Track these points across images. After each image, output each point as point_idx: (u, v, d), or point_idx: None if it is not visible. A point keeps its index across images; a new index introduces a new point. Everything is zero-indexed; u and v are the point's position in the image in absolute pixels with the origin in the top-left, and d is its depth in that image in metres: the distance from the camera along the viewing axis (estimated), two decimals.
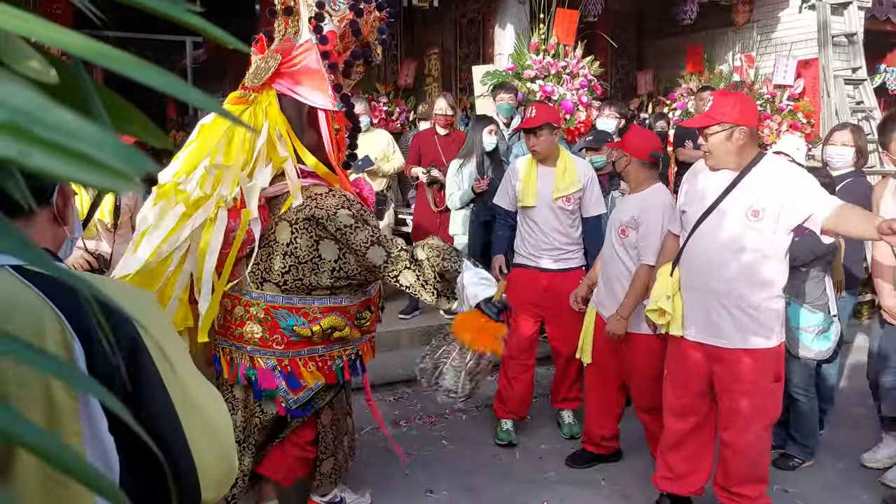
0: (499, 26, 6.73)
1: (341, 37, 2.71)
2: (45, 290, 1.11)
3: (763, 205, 2.79)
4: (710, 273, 2.90)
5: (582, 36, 6.86)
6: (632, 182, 3.57)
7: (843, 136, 4.09)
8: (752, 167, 2.87)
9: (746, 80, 7.58)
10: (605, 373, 3.73)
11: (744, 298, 2.86)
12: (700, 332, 2.98)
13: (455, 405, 4.17)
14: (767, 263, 2.85)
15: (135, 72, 0.37)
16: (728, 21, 8.24)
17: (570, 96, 6.07)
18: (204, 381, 1.26)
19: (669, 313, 3.00)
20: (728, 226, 2.86)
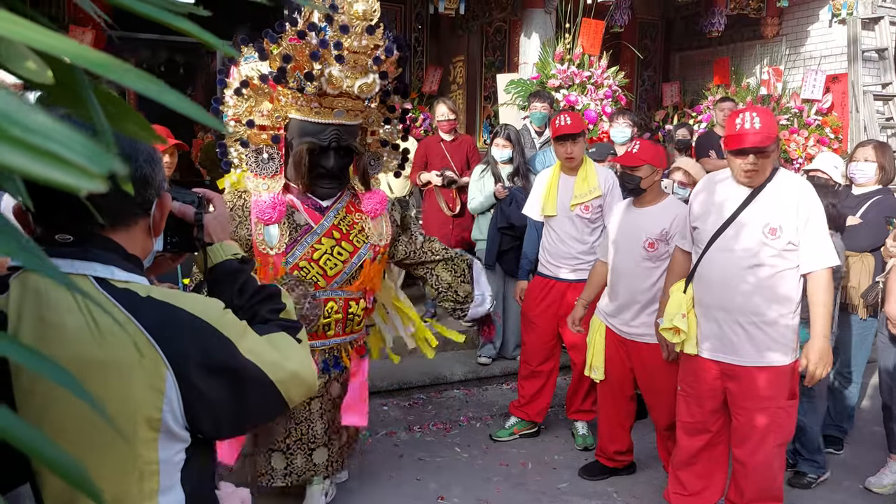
0: (524, 35, 6.74)
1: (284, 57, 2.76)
2: (133, 311, 1.10)
3: (780, 222, 2.77)
4: (727, 289, 2.86)
5: (608, 46, 6.85)
6: (651, 195, 3.53)
7: (865, 152, 4.06)
8: (767, 182, 2.85)
9: (774, 94, 7.50)
10: (617, 387, 3.69)
11: (760, 315, 2.83)
12: (714, 349, 2.94)
13: None
14: (784, 279, 2.82)
15: (120, 76, 0.38)
16: (756, 34, 8.17)
17: (593, 106, 6.05)
18: (269, 339, 1.28)
19: (684, 331, 2.96)
20: (745, 242, 2.83)
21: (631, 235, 3.53)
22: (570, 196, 4.07)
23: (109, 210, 1.11)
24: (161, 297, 1.12)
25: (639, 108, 8.95)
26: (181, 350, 1.10)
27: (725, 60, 8.17)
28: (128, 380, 1.06)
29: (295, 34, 2.69)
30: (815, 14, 7.69)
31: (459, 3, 6.42)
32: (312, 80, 2.71)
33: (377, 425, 4.42)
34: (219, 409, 1.16)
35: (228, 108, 2.86)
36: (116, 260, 1.13)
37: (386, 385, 4.86)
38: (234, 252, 1.44)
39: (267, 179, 2.89)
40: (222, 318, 1.18)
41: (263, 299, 1.38)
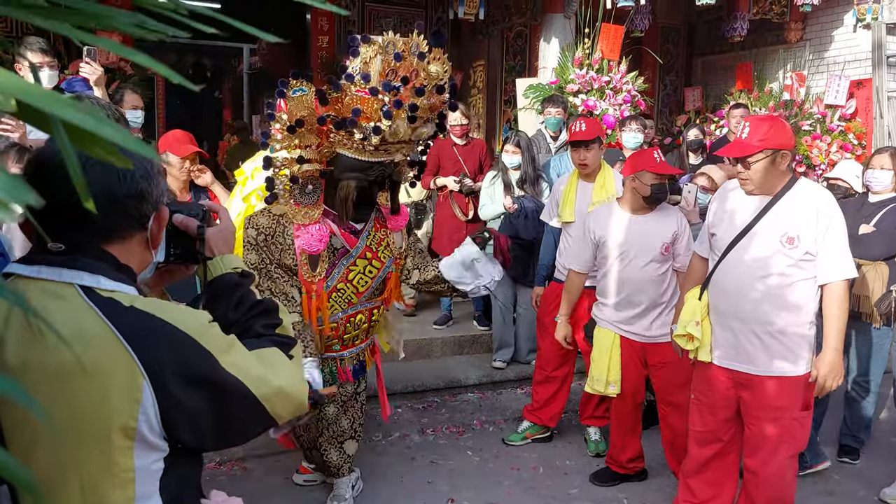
0: (544, 40, 6.74)
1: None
2: (114, 319, 1.12)
3: (798, 232, 2.75)
4: (742, 298, 2.85)
5: (629, 51, 6.83)
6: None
7: (882, 159, 4.02)
8: (786, 191, 2.83)
9: (797, 99, 7.43)
10: (630, 395, 3.68)
11: (774, 324, 2.81)
12: (729, 357, 2.93)
13: None
14: (800, 289, 2.80)
15: (60, 111, 0.42)
16: (780, 38, 8.10)
17: (612, 111, 6.05)
18: (255, 354, 1.27)
19: (697, 339, 2.95)
20: (762, 251, 2.82)
21: (644, 244, 3.51)
22: (588, 203, 4.08)
23: (103, 224, 1.15)
24: (144, 307, 1.14)
25: (660, 113, 8.91)
26: (158, 359, 1.11)
27: (748, 65, 8.11)
28: (105, 387, 1.08)
29: (367, 89, 2.67)
30: (839, 19, 7.60)
31: (479, 8, 6.44)
32: (379, 134, 2.71)
33: (390, 428, 4.46)
34: (198, 420, 1.17)
35: (276, 142, 2.86)
36: (105, 269, 1.16)
37: (400, 387, 4.89)
38: (235, 266, 1.45)
39: (308, 207, 2.92)
40: (205, 331, 1.19)
41: (259, 314, 1.39)
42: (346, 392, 3.30)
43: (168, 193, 1.32)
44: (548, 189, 4.88)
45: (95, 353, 1.09)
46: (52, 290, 1.12)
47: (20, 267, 1.14)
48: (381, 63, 2.67)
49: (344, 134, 2.76)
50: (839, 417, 4.28)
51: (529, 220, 4.79)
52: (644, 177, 3.46)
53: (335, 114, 2.75)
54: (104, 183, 1.14)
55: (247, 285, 1.43)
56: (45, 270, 1.13)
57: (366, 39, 2.74)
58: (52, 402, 1.08)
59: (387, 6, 7.95)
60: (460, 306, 6.03)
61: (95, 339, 1.09)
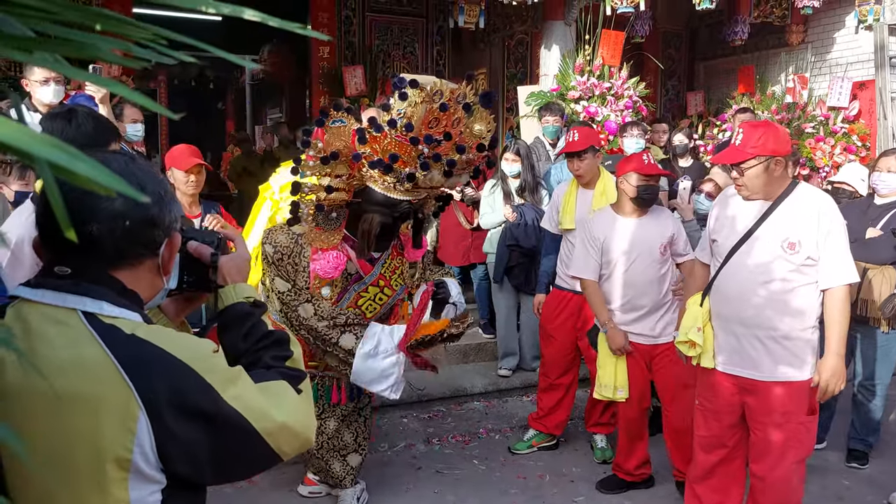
0: (544, 47, 6.75)
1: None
2: (113, 347, 1.09)
3: (799, 237, 2.74)
4: (744, 303, 2.85)
5: (630, 57, 6.84)
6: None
7: (888, 162, 4.00)
8: (785, 196, 2.83)
9: (799, 102, 7.42)
10: (637, 401, 3.68)
11: (777, 329, 2.80)
12: (732, 363, 2.92)
13: None
14: (802, 293, 2.79)
15: (37, 149, 0.42)
16: (781, 42, 8.09)
17: (613, 118, 6.05)
18: (261, 388, 1.24)
19: (699, 345, 2.95)
20: (763, 256, 2.81)
21: (644, 246, 3.55)
22: (588, 210, 4.09)
23: (112, 249, 1.14)
24: (145, 336, 1.12)
25: (662, 117, 8.90)
26: (155, 389, 1.09)
27: (750, 69, 8.11)
28: (99, 416, 1.07)
29: (408, 138, 2.64)
30: (840, 21, 7.60)
31: (479, 16, 6.46)
32: (413, 181, 2.68)
33: (396, 437, 4.46)
34: (196, 453, 1.13)
35: (307, 168, 2.85)
36: (108, 295, 1.14)
37: (406, 397, 4.88)
38: (248, 295, 1.42)
39: (328, 232, 2.92)
40: (207, 362, 1.16)
41: (269, 345, 1.36)
42: (347, 407, 3.31)
43: (183, 219, 1.31)
44: (547, 197, 4.88)
45: (92, 381, 1.07)
46: (54, 315, 1.11)
47: (25, 290, 1.14)
48: (425, 111, 2.63)
49: (378, 172, 2.74)
50: (847, 421, 4.26)
51: (530, 228, 4.80)
52: (631, 178, 3.51)
53: (372, 153, 2.73)
54: (114, 209, 1.13)
55: (258, 315, 1.40)
56: (49, 295, 1.12)
57: (414, 84, 2.67)
58: (48, 429, 1.07)
59: (388, 15, 7.98)
60: None
61: (93, 366, 1.08)
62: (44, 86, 3.77)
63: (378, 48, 7.93)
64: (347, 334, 2.87)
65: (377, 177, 2.76)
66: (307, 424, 1.27)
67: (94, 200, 1.11)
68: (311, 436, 1.28)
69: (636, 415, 3.72)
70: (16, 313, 1.12)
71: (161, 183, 1.22)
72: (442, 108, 2.61)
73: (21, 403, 1.08)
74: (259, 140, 10.40)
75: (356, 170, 2.82)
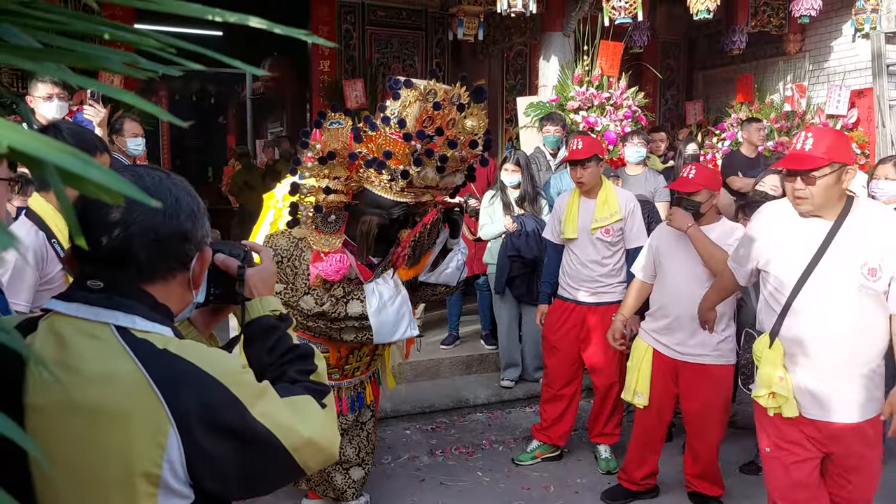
0: (543, 58, 6.79)
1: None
2: (145, 362, 1.09)
3: (878, 261, 2.44)
4: (827, 341, 2.53)
5: (628, 67, 6.87)
6: (708, 217, 3.48)
7: (886, 169, 4.03)
8: (848, 213, 2.51)
9: (798, 110, 7.44)
10: (657, 412, 3.62)
11: (866, 365, 2.53)
12: (813, 407, 2.60)
13: None
14: (880, 322, 2.52)
15: (44, 153, 0.43)
16: (779, 50, 8.13)
17: (613, 127, 6.07)
18: (288, 403, 1.24)
19: (783, 396, 2.61)
20: (842, 286, 2.48)
21: (691, 259, 3.45)
22: (590, 219, 4.08)
23: (146, 264, 1.15)
24: (176, 351, 1.12)
25: (662, 127, 8.93)
26: (186, 405, 1.09)
27: (749, 78, 8.13)
28: (130, 431, 1.06)
29: (401, 134, 2.68)
30: (837, 29, 7.63)
31: (478, 29, 6.50)
32: (407, 178, 2.72)
33: (399, 449, 4.44)
34: (224, 469, 1.13)
35: (306, 170, 2.88)
36: (140, 309, 1.14)
37: (408, 408, 4.88)
38: (274, 308, 1.42)
39: (329, 235, 2.93)
40: (236, 378, 1.16)
41: (294, 359, 1.36)
42: (347, 420, 3.30)
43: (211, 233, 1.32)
44: (547, 207, 4.89)
45: (123, 396, 1.07)
46: (88, 329, 1.11)
47: (58, 304, 1.13)
48: (419, 110, 2.67)
49: (373, 172, 2.78)
50: None
51: (531, 238, 4.80)
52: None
53: (367, 152, 2.77)
54: (148, 222, 1.13)
55: (283, 329, 1.40)
56: (83, 309, 1.12)
57: (408, 84, 2.73)
58: (79, 444, 1.07)
59: (388, 28, 8.02)
60: (467, 326, 6.02)
61: (125, 381, 1.07)
62: (47, 101, 3.79)
63: (378, 61, 7.97)
64: (352, 301, 2.89)
65: (374, 177, 2.79)
66: (332, 439, 1.27)
67: (126, 215, 1.12)
68: (335, 451, 1.28)
69: (653, 424, 3.66)
70: (49, 326, 1.12)
71: (195, 198, 1.23)
72: (435, 106, 2.64)
73: (53, 418, 1.07)
74: (260, 154, 10.42)
75: (354, 171, 2.85)
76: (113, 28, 0.58)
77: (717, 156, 7.28)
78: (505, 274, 4.97)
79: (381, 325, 2.90)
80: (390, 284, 2.94)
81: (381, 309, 2.89)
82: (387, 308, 2.90)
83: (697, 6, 6.13)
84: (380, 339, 2.96)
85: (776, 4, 7.58)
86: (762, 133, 6.43)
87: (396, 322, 2.93)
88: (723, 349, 3.48)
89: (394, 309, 2.91)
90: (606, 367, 4.07)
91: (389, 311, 2.90)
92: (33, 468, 1.08)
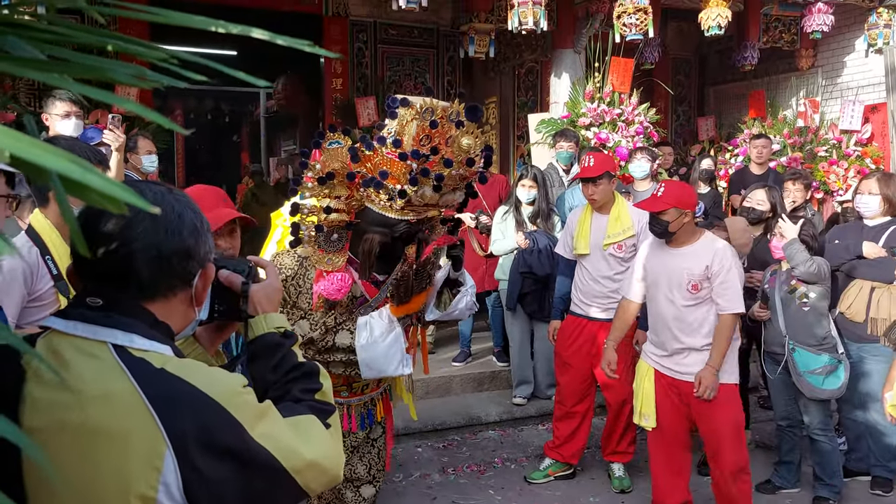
0: (554, 75, 6.81)
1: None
2: (142, 381, 1.07)
3: None
4: None
5: (640, 83, 6.87)
6: (685, 235, 3.40)
7: (869, 184, 4.09)
8: None
9: (811, 126, 7.41)
10: (670, 434, 3.52)
11: None
12: None
13: None
14: None
15: (44, 160, 0.43)
16: (791, 66, 8.11)
17: (625, 143, 6.06)
18: (291, 423, 1.21)
19: None
20: None
21: (672, 278, 3.41)
22: (603, 235, 4.07)
23: (147, 281, 1.13)
24: (174, 371, 1.10)
25: (674, 143, 8.92)
26: (182, 427, 1.06)
27: (761, 93, 8.12)
28: (125, 453, 1.04)
29: (396, 153, 2.67)
30: (850, 45, 7.61)
31: (489, 46, 6.53)
32: (404, 197, 2.69)
33: (411, 467, 4.41)
34: (223, 492, 1.10)
35: (306, 190, 2.89)
36: (139, 327, 1.12)
37: (420, 426, 4.85)
38: (278, 325, 1.39)
39: (332, 254, 2.92)
40: (236, 398, 1.13)
41: (298, 377, 1.33)
42: (358, 437, 3.27)
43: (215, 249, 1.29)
44: (560, 223, 4.88)
45: (119, 416, 1.05)
46: (85, 347, 1.09)
47: (57, 321, 1.12)
48: (416, 128, 2.66)
49: (372, 191, 2.79)
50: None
51: (543, 254, 4.79)
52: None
53: (366, 171, 2.77)
54: (150, 238, 1.12)
55: (288, 346, 1.37)
56: (81, 327, 1.10)
57: (405, 102, 2.73)
58: (76, 465, 1.05)
59: (399, 46, 8.07)
60: (479, 343, 6.00)
61: (121, 401, 1.05)
62: (64, 119, 3.83)
63: (390, 79, 8.02)
64: (341, 332, 2.86)
65: (373, 196, 2.80)
66: (336, 461, 1.24)
67: (128, 231, 1.10)
68: (339, 473, 1.25)
69: (666, 446, 3.55)
70: (47, 345, 1.10)
71: (198, 214, 1.21)
72: (432, 125, 2.63)
73: (50, 439, 1.05)
74: (273, 171, 10.49)
75: (354, 190, 2.85)
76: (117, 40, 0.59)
77: (730, 171, 7.26)
78: (517, 290, 4.95)
79: (370, 361, 2.84)
80: (384, 321, 2.90)
81: (370, 344, 2.82)
82: (377, 344, 2.82)
83: (709, 22, 6.14)
84: (368, 375, 2.92)
85: (788, 20, 7.57)
86: (764, 150, 6.37)
87: (387, 359, 2.84)
88: (724, 367, 3.36)
89: (384, 345, 2.83)
90: (619, 384, 4.03)
91: (379, 348, 2.82)
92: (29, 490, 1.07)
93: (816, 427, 3.85)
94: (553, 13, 6.39)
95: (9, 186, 1.44)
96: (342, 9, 7.62)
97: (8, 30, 0.53)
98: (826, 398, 3.81)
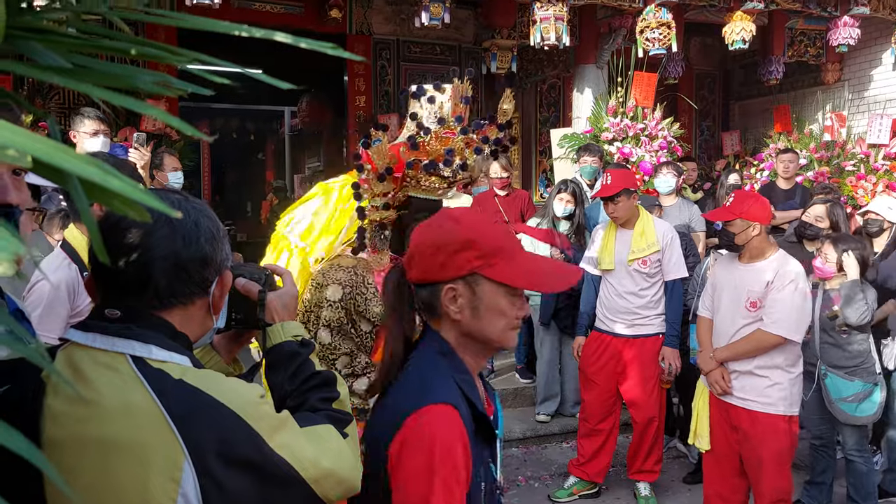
0: (577, 90, 6.80)
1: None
2: (161, 393, 1.07)
3: None
4: None
5: (663, 98, 6.84)
6: (755, 250, 3.26)
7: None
8: None
9: (838, 140, 7.31)
10: (724, 459, 3.42)
11: None
12: None
13: None
14: None
15: (65, 163, 0.42)
16: (817, 80, 8.03)
17: (648, 158, 6.02)
18: (305, 433, 1.20)
19: None
20: None
21: (733, 294, 3.32)
22: (627, 250, 4.03)
23: (165, 289, 1.13)
24: (193, 381, 1.10)
25: (698, 158, 8.85)
26: (201, 438, 1.06)
27: (786, 108, 8.04)
28: (144, 464, 1.04)
29: (459, 130, 2.72)
30: (877, 58, 7.53)
31: (511, 62, 6.54)
32: (466, 169, 2.75)
33: None
34: (241, 502, 1.09)
35: (366, 192, 2.91)
36: (158, 338, 1.12)
37: None
38: (296, 333, 1.39)
39: (381, 252, 2.92)
40: (254, 409, 1.12)
41: (316, 386, 1.32)
42: None
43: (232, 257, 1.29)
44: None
45: (138, 429, 1.04)
46: (104, 360, 1.09)
47: (77, 334, 1.12)
48: (451, 108, 2.75)
49: (422, 175, 2.81)
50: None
51: None
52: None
53: (423, 157, 2.80)
54: (168, 246, 1.11)
55: (305, 355, 1.36)
56: (100, 339, 1.10)
57: (437, 87, 2.82)
58: (95, 478, 1.04)
59: (422, 64, 8.12)
60: (502, 359, 5.96)
61: (140, 413, 1.05)
62: (93, 137, 3.88)
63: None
64: (361, 378, 2.85)
65: (424, 181, 2.82)
66: (353, 470, 1.23)
67: (146, 239, 1.10)
68: (356, 482, 1.24)
69: (718, 472, 3.45)
70: (66, 358, 1.10)
71: (214, 221, 1.21)
72: (465, 101, 2.72)
73: (70, 451, 1.05)
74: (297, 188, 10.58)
75: (398, 183, 2.86)
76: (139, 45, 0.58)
77: (756, 186, 7.18)
78: (551, 306, 4.92)
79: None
80: None
81: None
82: None
83: (733, 37, 6.11)
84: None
85: (813, 34, 7.50)
86: (791, 165, 6.28)
87: None
88: (772, 396, 3.21)
89: None
90: (645, 401, 3.97)
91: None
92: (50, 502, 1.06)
93: (852, 448, 3.74)
94: (575, 29, 6.40)
95: (35, 200, 1.46)
96: (365, 27, 7.69)
97: (32, 35, 0.53)
98: (861, 424, 3.70)
